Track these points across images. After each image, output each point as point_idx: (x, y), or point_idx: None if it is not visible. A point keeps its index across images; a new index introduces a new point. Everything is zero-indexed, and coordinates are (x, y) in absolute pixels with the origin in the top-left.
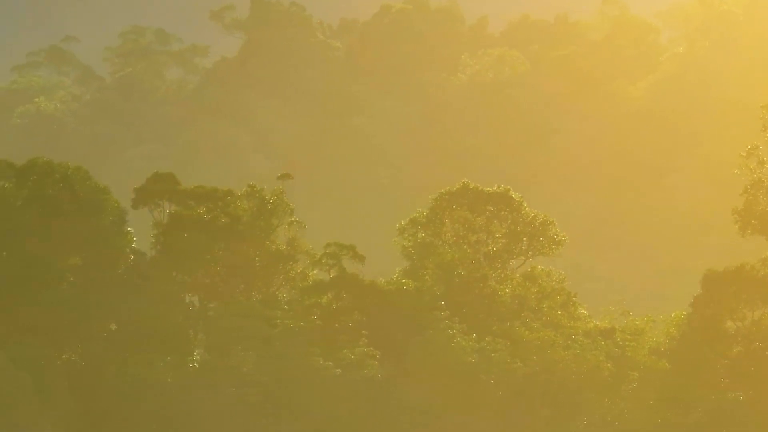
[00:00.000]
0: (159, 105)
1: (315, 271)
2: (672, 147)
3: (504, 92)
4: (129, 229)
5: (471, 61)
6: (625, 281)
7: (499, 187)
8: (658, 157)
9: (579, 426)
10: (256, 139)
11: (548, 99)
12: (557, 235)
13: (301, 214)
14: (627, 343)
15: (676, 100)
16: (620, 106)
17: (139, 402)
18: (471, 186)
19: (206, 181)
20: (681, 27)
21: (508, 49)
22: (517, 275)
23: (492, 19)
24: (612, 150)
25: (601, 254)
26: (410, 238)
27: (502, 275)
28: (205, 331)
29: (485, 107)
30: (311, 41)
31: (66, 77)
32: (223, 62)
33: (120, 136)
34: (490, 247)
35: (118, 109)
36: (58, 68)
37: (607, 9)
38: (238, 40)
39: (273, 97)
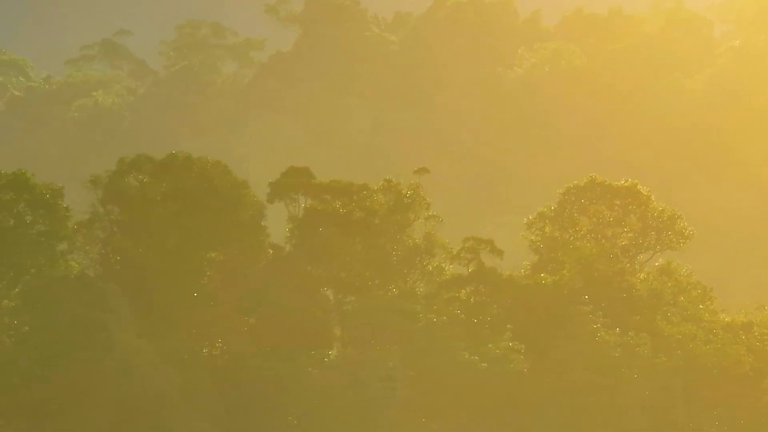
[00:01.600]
0: (214, 98)
1: (451, 266)
2: (730, 141)
3: (560, 86)
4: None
5: (528, 54)
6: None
7: (626, 181)
8: (715, 151)
9: (722, 419)
10: (313, 132)
11: (604, 93)
12: (685, 229)
13: None
14: (766, 337)
15: (733, 93)
16: (677, 99)
17: (282, 396)
18: (599, 180)
19: (264, 175)
20: (734, 21)
21: (564, 43)
22: (653, 269)
23: (545, 12)
24: (669, 144)
25: None
26: (538, 232)
27: (636, 269)
28: (342, 325)
29: (542, 101)
30: (366, 35)
31: (119, 71)
32: (278, 56)
33: (176, 130)
34: (620, 242)
35: (174, 102)
36: (111, 62)
37: (661, 2)
38: (293, 34)
39: (328, 91)
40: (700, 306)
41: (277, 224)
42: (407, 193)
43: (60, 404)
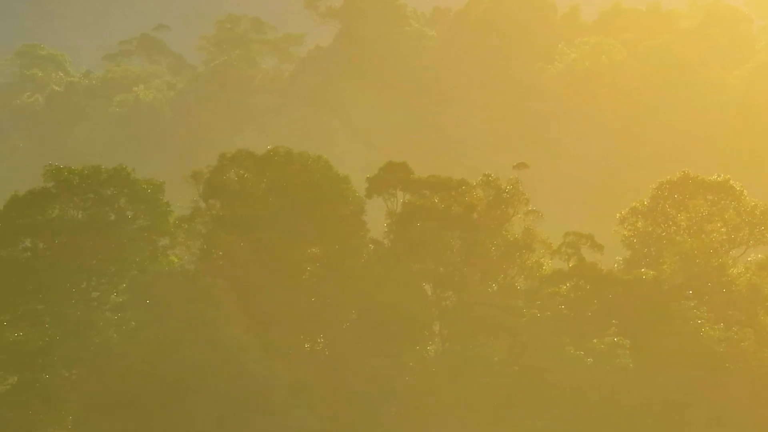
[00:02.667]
0: (254, 94)
1: (550, 261)
2: None
3: (600, 81)
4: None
5: (568, 49)
6: None
7: (719, 176)
8: (756, 145)
9: None
10: (353, 128)
11: (644, 88)
12: None
13: None
14: None
15: None
16: (717, 95)
17: (384, 391)
18: (692, 175)
19: None
20: None
21: (604, 38)
22: (751, 264)
23: (584, 7)
24: (708, 139)
25: None
26: (630, 227)
27: (734, 264)
28: (442, 320)
29: (582, 96)
30: (406, 30)
31: (157, 66)
32: (318, 51)
33: (215, 125)
34: (716, 237)
35: (213, 97)
36: (149, 57)
37: None
38: (332, 29)
39: (368, 86)
40: None
41: (375, 220)
42: (506, 188)
43: (167, 399)
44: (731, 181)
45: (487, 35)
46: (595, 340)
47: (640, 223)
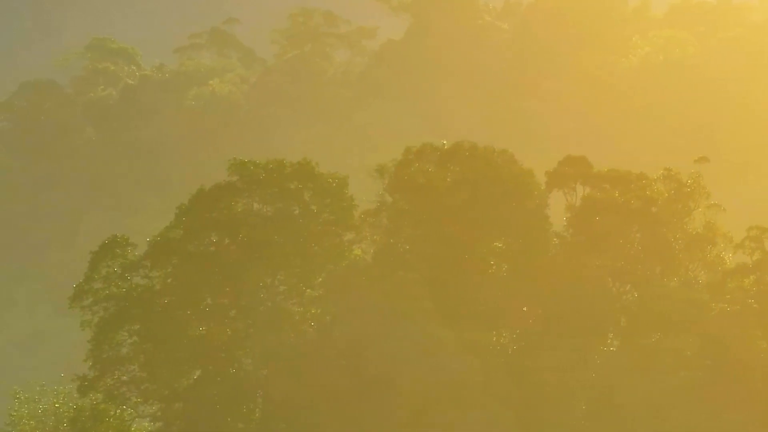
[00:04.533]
0: (327, 87)
1: (731, 255)
2: None
3: (674, 74)
4: None
5: (642, 42)
6: None
7: None
8: None
9: None
10: (426, 121)
11: (716, 82)
12: None
13: None
14: None
15: None
16: None
17: (572, 384)
18: None
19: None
20: None
21: (677, 31)
22: None
23: (654, 0)
24: None
25: None
26: None
27: None
28: (625, 313)
29: (656, 89)
30: (479, 23)
31: (227, 59)
32: (390, 44)
33: (289, 118)
34: None
35: (286, 91)
36: (219, 50)
37: None
38: (404, 22)
39: (441, 80)
40: None
41: (555, 214)
42: (688, 182)
43: (364, 394)
44: None
45: (558, 28)
46: None
47: None
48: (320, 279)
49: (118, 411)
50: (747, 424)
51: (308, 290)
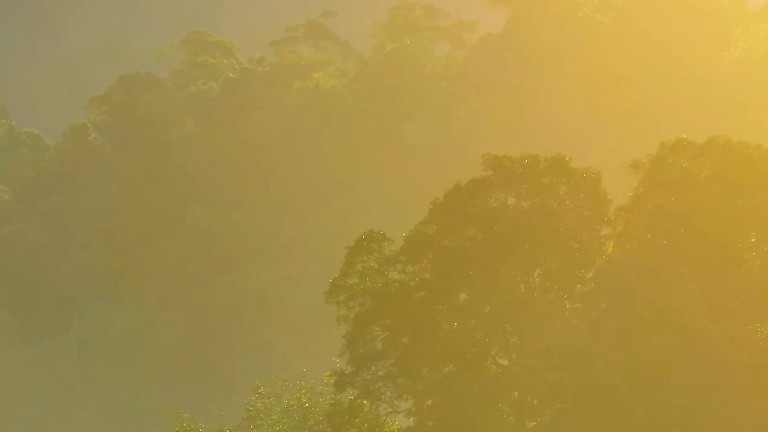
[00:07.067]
0: (427, 80)
1: None
2: None
3: None
4: None
5: (744, 35)
6: None
7: None
8: None
9: None
10: (527, 115)
11: None
12: None
13: None
14: None
15: None
16: None
17: None
18: None
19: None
20: None
21: None
22: None
23: None
24: None
25: None
26: None
27: None
28: None
29: (757, 82)
30: (579, 16)
31: (323, 52)
32: (489, 37)
33: (391, 112)
34: None
35: (387, 84)
36: (315, 43)
37: None
38: (503, 15)
39: (542, 73)
40: None
41: None
42: None
43: (634, 391)
44: None
45: (655, 20)
46: None
47: None
48: (591, 274)
49: (373, 406)
50: None
51: (578, 285)
